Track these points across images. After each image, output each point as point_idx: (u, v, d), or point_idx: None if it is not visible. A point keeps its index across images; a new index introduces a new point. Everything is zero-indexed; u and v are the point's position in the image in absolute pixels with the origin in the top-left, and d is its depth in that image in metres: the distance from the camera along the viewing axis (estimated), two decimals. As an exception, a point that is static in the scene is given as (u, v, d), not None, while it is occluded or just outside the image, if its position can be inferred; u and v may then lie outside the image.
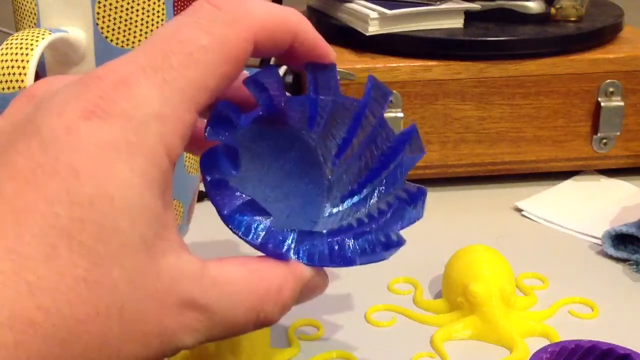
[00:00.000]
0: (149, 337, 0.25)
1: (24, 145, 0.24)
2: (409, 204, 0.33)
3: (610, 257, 0.53)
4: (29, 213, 0.23)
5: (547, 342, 0.43)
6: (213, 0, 0.27)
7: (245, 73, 0.31)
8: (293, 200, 0.33)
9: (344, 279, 0.50)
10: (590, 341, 0.38)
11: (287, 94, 0.31)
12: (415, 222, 0.33)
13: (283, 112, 0.31)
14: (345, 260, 0.31)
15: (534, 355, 0.37)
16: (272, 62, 0.37)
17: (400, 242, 0.32)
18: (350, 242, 0.31)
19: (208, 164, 0.29)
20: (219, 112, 0.29)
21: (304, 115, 0.32)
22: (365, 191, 0.34)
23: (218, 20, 0.26)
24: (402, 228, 0.33)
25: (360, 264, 0.31)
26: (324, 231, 0.32)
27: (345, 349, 0.43)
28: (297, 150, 0.33)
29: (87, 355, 0.23)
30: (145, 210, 0.24)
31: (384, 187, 0.33)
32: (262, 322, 0.28)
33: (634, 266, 0.52)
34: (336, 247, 0.31)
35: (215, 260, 0.27)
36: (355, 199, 0.34)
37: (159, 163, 0.25)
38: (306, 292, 0.31)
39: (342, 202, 0.34)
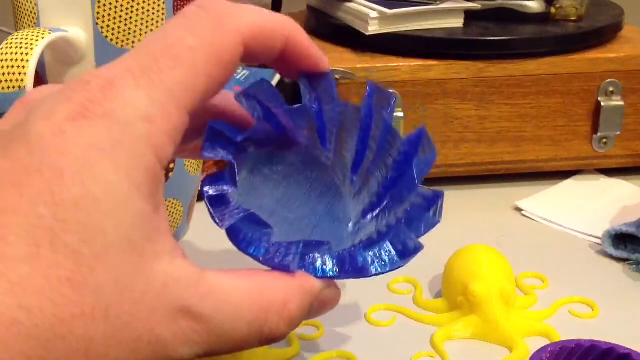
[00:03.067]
0: (139, 344, 0.24)
1: (11, 150, 0.24)
2: (426, 210, 0.32)
3: (610, 256, 0.53)
4: (13, 214, 0.23)
5: (547, 342, 0.43)
6: (202, 3, 0.27)
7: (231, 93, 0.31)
8: (314, 221, 0.33)
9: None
10: (590, 341, 0.38)
11: (284, 104, 0.30)
12: (433, 227, 0.32)
13: (287, 128, 0.30)
14: (356, 270, 0.30)
15: (534, 354, 0.37)
16: None
17: (417, 249, 0.31)
18: (362, 252, 0.31)
19: (208, 181, 0.29)
20: (212, 128, 0.29)
21: (313, 131, 0.31)
22: (385, 202, 0.33)
23: (206, 23, 0.26)
24: (421, 235, 0.32)
25: (375, 274, 0.31)
26: (331, 243, 0.31)
27: (345, 349, 0.43)
28: (313, 172, 0.33)
29: (72, 358, 0.23)
30: (133, 211, 0.24)
31: (400, 195, 0.32)
32: (268, 337, 0.28)
33: (634, 266, 0.51)
34: (347, 258, 0.30)
35: (215, 270, 0.27)
36: (377, 211, 0.33)
37: (146, 164, 0.24)
38: (317, 307, 0.30)
39: (364, 216, 0.33)
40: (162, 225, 0.25)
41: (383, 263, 0.31)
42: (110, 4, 0.45)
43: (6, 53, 0.42)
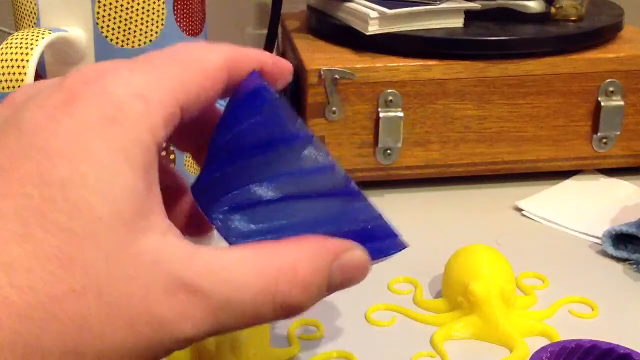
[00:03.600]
0: (137, 324, 0.24)
1: (2, 137, 0.24)
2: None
3: (611, 256, 0.53)
4: (1, 196, 0.23)
5: (547, 342, 0.43)
6: (181, 45, 0.29)
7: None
8: None
9: (344, 279, 0.50)
10: (590, 341, 0.38)
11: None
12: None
13: None
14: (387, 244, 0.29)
15: (534, 354, 0.37)
16: None
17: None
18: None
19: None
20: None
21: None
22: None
23: (191, 49, 0.28)
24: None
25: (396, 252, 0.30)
26: None
27: (345, 348, 0.43)
28: None
29: (65, 336, 0.23)
30: (122, 187, 0.24)
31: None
32: (283, 307, 0.26)
33: (634, 266, 0.52)
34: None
35: (210, 247, 0.26)
36: None
37: (140, 139, 0.25)
38: (340, 273, 0.27)
39: None
40: (155, 202, 0.25)
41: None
42: (110, 4, 0.45)
43: (6, 53, 0.42)
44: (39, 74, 0.47)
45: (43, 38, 0.43)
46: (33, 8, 0.46)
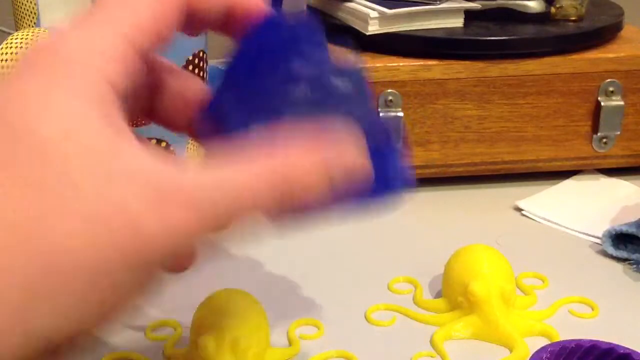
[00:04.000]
0: (122, 243, 0.24)
1: None
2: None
3: (611, 256, 0.53)
4: None
5: (547, 342, 0.43)
6: None
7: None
8: None
9: (344, 278, 0.50)
10: (590, 340, 0.38)
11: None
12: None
13: None
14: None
15: (534, 354, 0.37)
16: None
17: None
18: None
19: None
20: None
21: None
22: None
23: None
24: None
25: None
26: None
27: (345, 348, 0.43)
28: None
29: (43, 256, 0.23)
30: (90, 135, 0.24)
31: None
32: (283, 193, 0.26)
33: (634, 265, 0.52)
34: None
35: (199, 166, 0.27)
36: None
37: (97, 91, 0.25)
38: (339, 167, 0.28)
39: None
40: (127, 142, 0.25)
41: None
42: (110, 4, 0.45)
43: (6, 53, 0.42)
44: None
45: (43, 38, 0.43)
46: (33, 8, 0.46)
